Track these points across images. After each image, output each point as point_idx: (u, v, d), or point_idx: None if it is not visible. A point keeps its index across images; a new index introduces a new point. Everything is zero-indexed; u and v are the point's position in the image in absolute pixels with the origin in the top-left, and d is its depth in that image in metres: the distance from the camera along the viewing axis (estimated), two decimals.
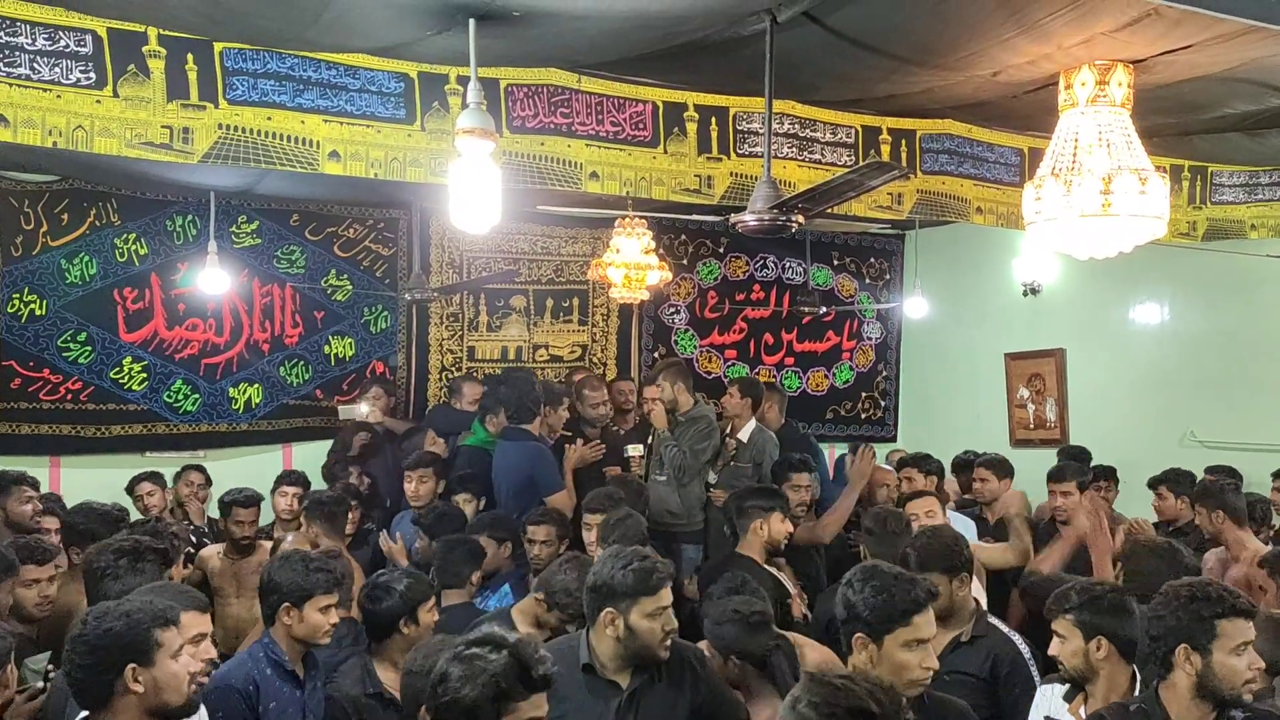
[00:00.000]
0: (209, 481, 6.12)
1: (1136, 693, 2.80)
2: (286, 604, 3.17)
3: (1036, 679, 3.25)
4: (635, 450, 5.84)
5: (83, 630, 2.34)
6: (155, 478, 5.90)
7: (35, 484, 4.93)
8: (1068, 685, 2.97)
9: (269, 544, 5.13)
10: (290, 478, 5.76)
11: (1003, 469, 5.60)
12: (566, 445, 5.71)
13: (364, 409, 6.60)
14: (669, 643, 2.91)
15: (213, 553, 5.15)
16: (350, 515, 4.97)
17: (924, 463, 5.70)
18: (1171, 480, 5.60)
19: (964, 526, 5.06)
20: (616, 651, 2.90)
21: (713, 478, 5.76)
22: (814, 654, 3.48)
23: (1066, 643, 2.88)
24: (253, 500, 5.30)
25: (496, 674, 2.18)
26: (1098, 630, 2.83)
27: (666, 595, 2.89)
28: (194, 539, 5.55)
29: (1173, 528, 5.36)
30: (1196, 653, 2.54)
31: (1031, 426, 7.85)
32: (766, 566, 4.32)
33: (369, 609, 3.45)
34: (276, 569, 3.25)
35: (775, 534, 4.36)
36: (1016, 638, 3.42)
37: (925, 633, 2.58)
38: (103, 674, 2.31)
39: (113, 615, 2.36)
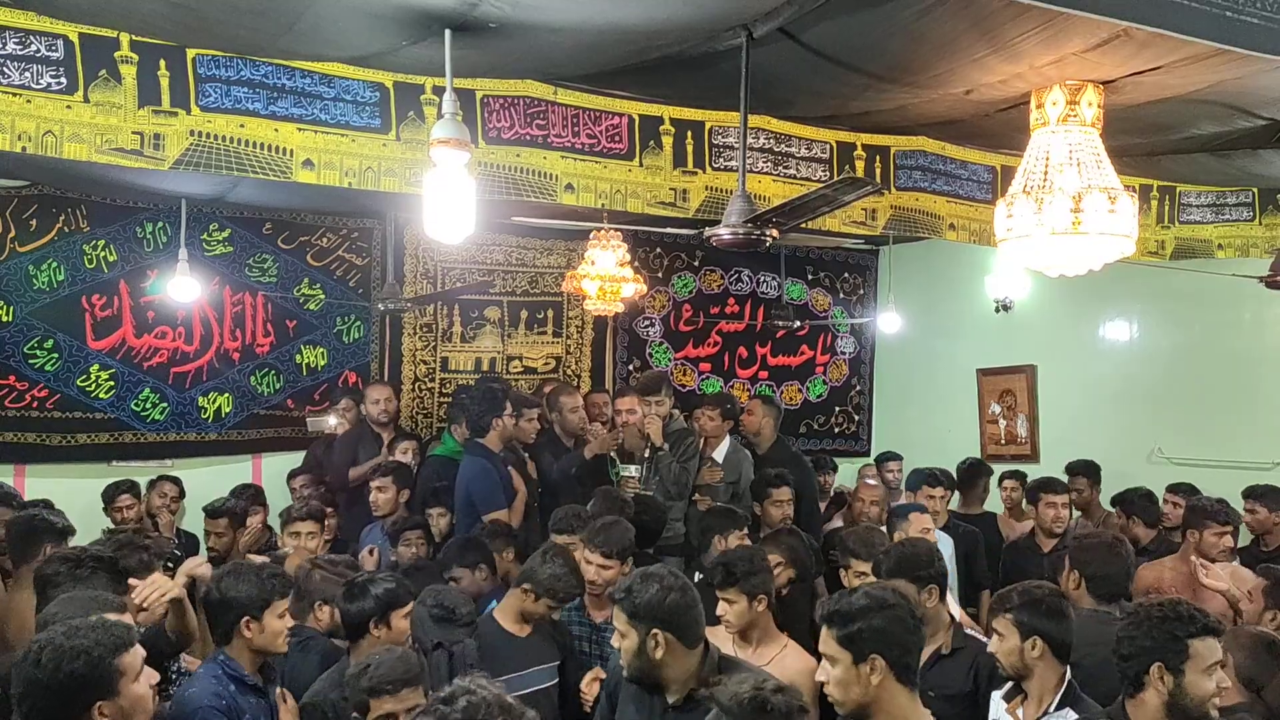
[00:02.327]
0: (182, 494, 6.06)
1: (1062, 692, 2.91)
2: (247, 617, 3.10)
3: None
4: (632, 471, 5.79)
5: (36, 672, 2.23)
6: (133, 488, 5.82)
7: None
8: (1007, 686, 3.05)
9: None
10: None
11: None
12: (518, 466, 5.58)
13: (332, 421, 6.55)
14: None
15: (200, 561, 5.09)
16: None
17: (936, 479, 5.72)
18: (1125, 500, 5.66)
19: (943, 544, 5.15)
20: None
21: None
22: (795, 661, 3.54)
23: (1004, 640, 3.00)
24: (220, 512, 5.23)
25: None
26: (1033, 630, 2.95)
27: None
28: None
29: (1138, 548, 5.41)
30: (1170, 673, 2.59)
31: (1003, 442, 7.90)
32: None
33: (344, 607, 3.44)
34: (229, 583, 3.15)
35: None
36: None
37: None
38: (68, 714, 2.23)
39: (69, 655, 2.24)
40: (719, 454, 5.93)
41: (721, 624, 3.58)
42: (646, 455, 5.80)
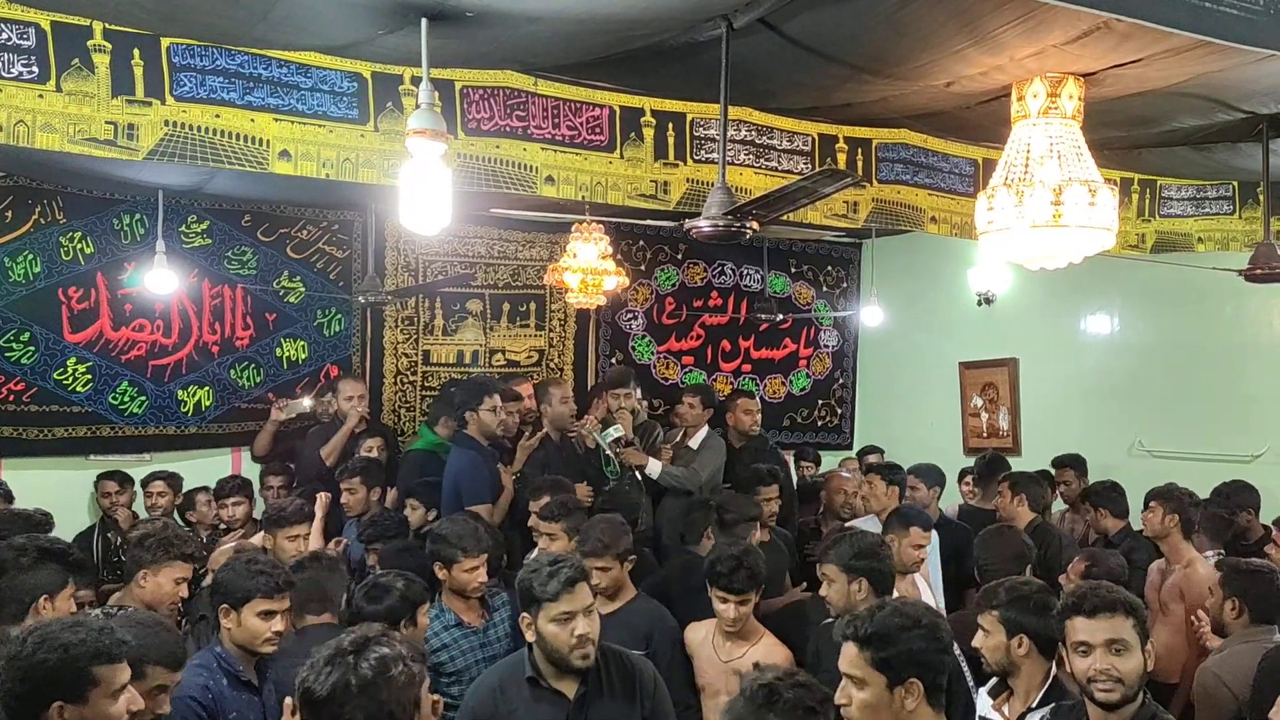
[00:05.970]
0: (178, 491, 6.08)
1: (1046, 689, 2.92)
2: (225, 605, 3.11)
3: (969, 677, 3.31)
4: (614, 475, 5.83)
5: (18, 652, 2.19)
6: (123, 480, 5.87)
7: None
8: (993, 682, 3.03)
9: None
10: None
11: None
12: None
13: (307, 403, 6.48)
14: (585, 650, 2.90)
15: None
16: None
17: (889, 472, 5.61)
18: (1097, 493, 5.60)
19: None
20: (540, 658, 2.94)
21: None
22: (771, 654, 3.60)
23: (990, 637, 3.00)
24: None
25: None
26: (1020, 628, 2.94)
27: (576, 599, 2.88)
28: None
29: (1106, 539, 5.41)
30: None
31: (985, 435, 7.92)
32: None
33: (367, 608, 3.40)
34: (221, 568, 3.25)
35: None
36: None
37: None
38: (32, 705, 2.18)
39: (49, 645, 2.19)
40: (694, 442, 5.96)
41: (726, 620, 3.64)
42: (619, 451, 5.83)
